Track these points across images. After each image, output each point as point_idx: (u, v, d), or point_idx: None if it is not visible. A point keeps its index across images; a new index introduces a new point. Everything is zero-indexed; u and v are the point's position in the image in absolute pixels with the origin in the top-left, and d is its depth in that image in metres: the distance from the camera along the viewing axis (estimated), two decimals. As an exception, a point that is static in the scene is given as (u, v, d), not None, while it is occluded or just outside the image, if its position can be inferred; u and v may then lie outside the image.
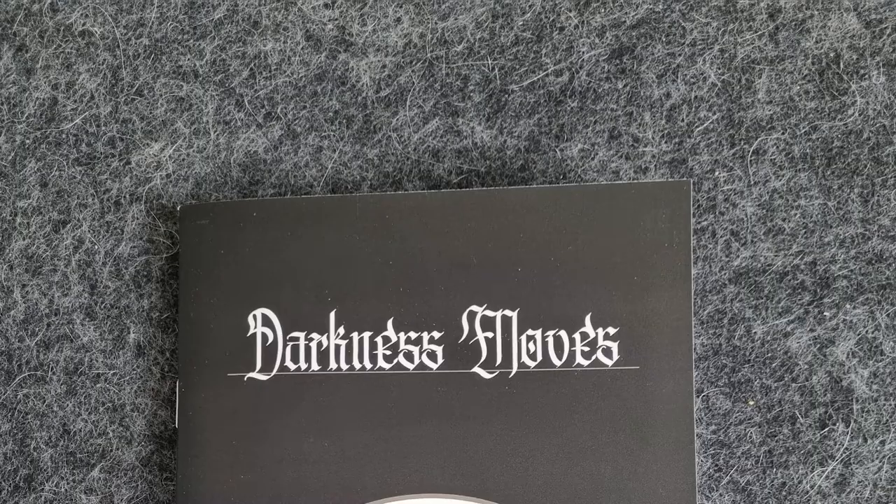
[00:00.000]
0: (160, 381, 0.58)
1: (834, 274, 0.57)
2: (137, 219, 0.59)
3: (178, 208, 0.58)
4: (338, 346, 0.57)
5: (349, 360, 0.57)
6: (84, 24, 0.60)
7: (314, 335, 0.57)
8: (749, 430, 0.57)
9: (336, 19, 0.59)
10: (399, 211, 0.58)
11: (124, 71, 0.60)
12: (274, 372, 0.57)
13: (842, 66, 0.58)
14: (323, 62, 0.59)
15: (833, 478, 0.56)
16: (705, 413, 0.57)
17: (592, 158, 0.59)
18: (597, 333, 0.57)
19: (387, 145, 0.60)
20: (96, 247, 0.59)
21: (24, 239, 0.59)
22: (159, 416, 0.58)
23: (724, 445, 0.57)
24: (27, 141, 0.60)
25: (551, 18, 0.59)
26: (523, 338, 0.57)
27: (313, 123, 0.59)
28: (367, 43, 0.59)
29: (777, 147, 0.58)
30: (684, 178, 0.58)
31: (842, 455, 0.56)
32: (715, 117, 0.58)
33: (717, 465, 0.57)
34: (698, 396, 0.57)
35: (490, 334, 0.57)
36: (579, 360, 0.56)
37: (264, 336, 0.57)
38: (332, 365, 0.57)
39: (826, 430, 0.57)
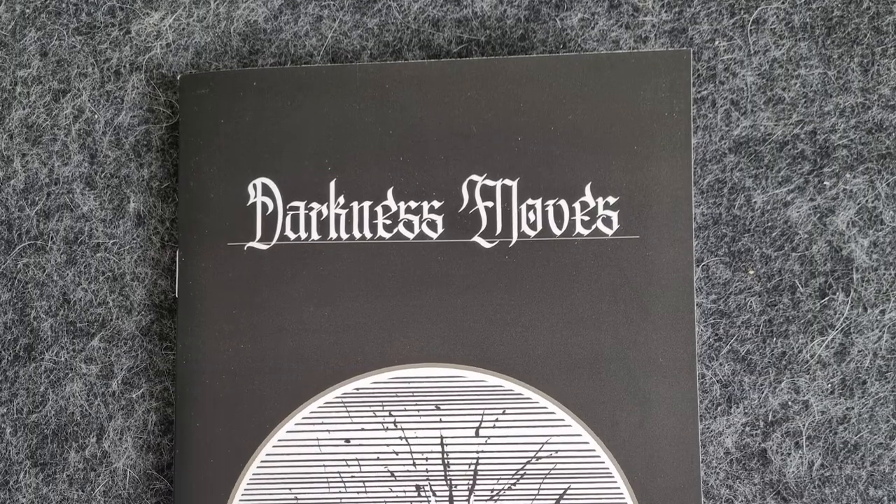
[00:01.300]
0: (160, 250, 0.58)
1: (834, 143, 0.57)
2: (137, 88, 0.59)
3: (178, 78, 0.58)
4: (338, 216, 0.57)
5: (349, 229, 0.57)
6: None
7: (314, 204, 0.57)
8: (749, 300, 0.57)
9: None
10: (399, 80, 0.57)
11: (118, -62, 0.59)
12: (274, 241, 0.57)
13: (848, -69, 0.57)
14: (320, -71, 0.58)
15: (833, 347, 0.56)
16: (705, 282, 0.57)
17: (592, 28, 0.58)
18: (597, 203, 0.56)
19: (387, 14, 0.59)
20: (96, 116, 0.58)
21: (23, 108, 0.58)
22: (159, 285, 0.58)
23: (723, 315, 0.57)
24: (27, 10, 0.59)
25: None
26: (523, 207, 0.57)
27: (312, -9, 0.59)
28: None
29: (777, 16, 0.57)
30: (684, 48, 0.58)
31: (842, 324, 0.57)
32: (719, -16, 0.57)
33: (716, 335, 0.57)
34: (698, 266, 0.57)
35: (490, 204, 0.57)
36: (579, 229, 0.56)
37: (264, 205, 0.57)
38: (332, 234, 0.57)
39: (826, 299, 0.57)
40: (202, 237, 0.57)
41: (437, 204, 0.57)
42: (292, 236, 0.57)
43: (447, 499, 0.55)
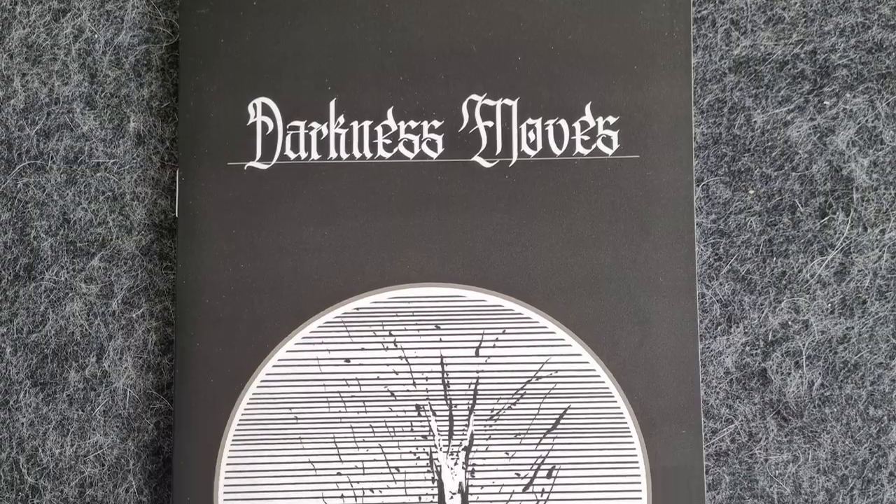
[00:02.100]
0: (160, 170, 0.58)
1: (834, 63, 0.57)
2: (137, 7, 0.59)
3: (177, -1, 0.58)
4: (338, 135, 0.57)
5: (349, 148, 0.57)
6: None
7: (314, 124, 0.57)
8: (749, 219, 0.57)
9: None
10: None
11: None
12: (274, 161, 0.57)
13: None
14: None
15: (833, 267, 0.56)
16: (705, 202, 0.57)
17: (595, -49, 0.58)
18: (597, 122, 0.56)
19: (386, -61, 0.59)
20: (96, 36, 0.58)
21: (23, 28, 0.58)
22: (159, 205, 0.58)
23: (724, 234, 0.57)
24: (22, -65, 0.59)
25: None
26: (523, 127, 0.57)
27: (311, -86, 0.58)
28: None
29: (778, -64, 0.57)
30: (687, -33, 0.58)
31: (842, 244, 0.57)
32: None
33: (717, 254, 0.57)
34: (698, 185, 0.57)
35: (490, 123, 0.57)
36: (579, 149, 0.56)
37: (264, 125, 0.57)
38: (332, 154, 0.57)
39: (826, 218, 0.57)
40: (202, 157, 0.57)
41: (437, 123, 0.57)
42: (292, 156, 0.57)
43: (447, 418, 0.55)
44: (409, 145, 0.57)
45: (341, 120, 0.57)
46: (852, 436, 0.56)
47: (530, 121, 0.56)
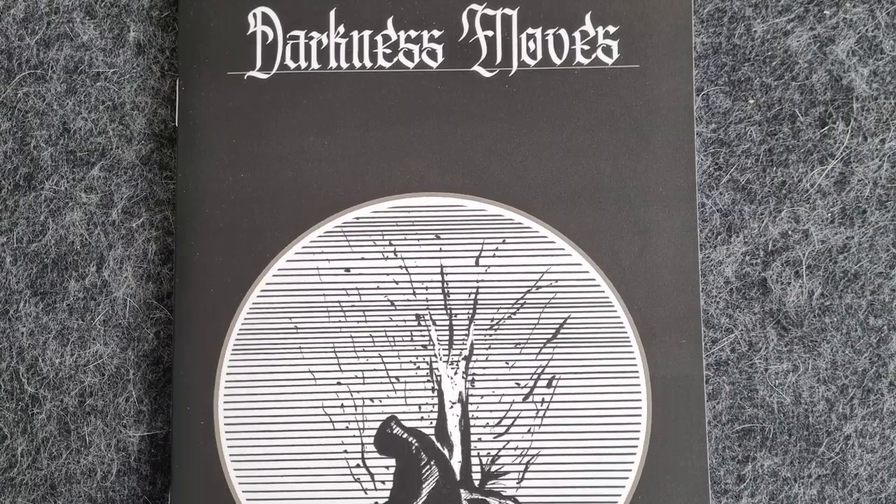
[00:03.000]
0: (160, 79, 0.58)
1: (834, -29, 0.57)
2: (134, -83, 0.59)
3: (175, -89, 0.58)
4: (338, 45, 0.57)
5: (349, 58, 0.57)
6: None
7: (314, 33, 0.57)
8: (749, 129, 0.57)
9: None
10: None
11: None
12: (274, 70, 0.57)
13: None
14: None
15: (833, 176, 0.56)
16: (705, 112, 0.57)
17: None
18: (597, 32, 0.56)
19: None
20: (93, -55, 0.59)
21: (20, -62, 0.59)
22: (159, 114, 0.58)
23: (724, 144, 0.57)
24: None
25: None
26: (523, 36, 0.57)
27: None
28: None
29: None
30: None
31: (842, 153, 0.57)
32: None
33: (717, 164, 0.57)
34: (698, 95, 0.57)
35: (490, 33, 0.57)
36: (579, 58, 0.56)
37: (264, 34, 0.57)
38: (332, 63, 0.57)
39: (826, 128, 0.57)
40: (202, 66, 0.57)
41: (437, 33, 0.57)
42: (292, 65, 0.57)
43: (447, 328, 0.55)
44: (409, 55, 0.57)
45: (341, 29, 0.57)
46: (852, 345, 0.56)
47: (530, 30, 0.56)
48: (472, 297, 0.55)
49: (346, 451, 0.54)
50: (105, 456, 0.56)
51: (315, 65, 0.57)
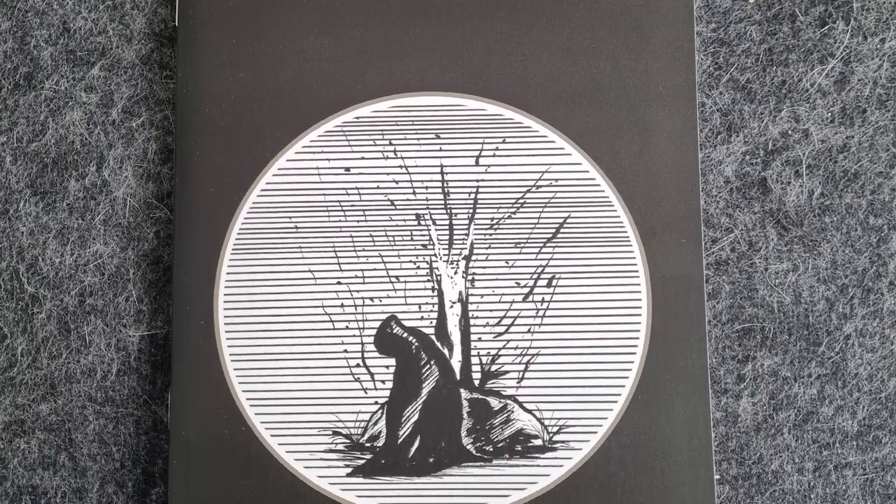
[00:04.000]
0: (159, -22, 0.58)
1: None
2: None
3: None
4: (337, -57, 0.57)
5: (349, -44, 0.57)
6: None
7: (313, -68, 0.57)
8: (749, 28, 0.57)
9: None
10: None
11: None
12: (273, -31, 0.57)
13: None
14: None
15: (833, 76, 0.56)
16: (705, 11, 0.57)
17: None
18: (598, -70, 0.56)
19: None
20: None
21: None
22: (159, 13, 0.58)
23: (724, 43, 0.57)
24: None
25: None
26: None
27: None
28: None
29: None
30: None
31: (842, 53, 0.57)
32: None
33: (717, 63, 0.57)
34: (699, -7, 0.57)
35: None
36: (580, -43, 0.56)
37: (263, -67, 0.57)
38: (332, -38, 0.57)
39: (826, 27, 0.57)
40: (201, -35, 0.57)
41: (436, -69, 0.57)
42: (292, -36, 0.57)
43: (447, 227, 0.55)
44: (409, -45, 0.57)
45: (341, -72, 0.57)
46: (852, 245, 0.56)
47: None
48: (472, 196, 0.55)
49: (346, 351, 0.54)
50: (105, 355, 0.56)
51: (315, -37, 0.56)
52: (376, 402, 0.54)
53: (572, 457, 0.53)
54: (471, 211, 0.55)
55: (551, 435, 0.53)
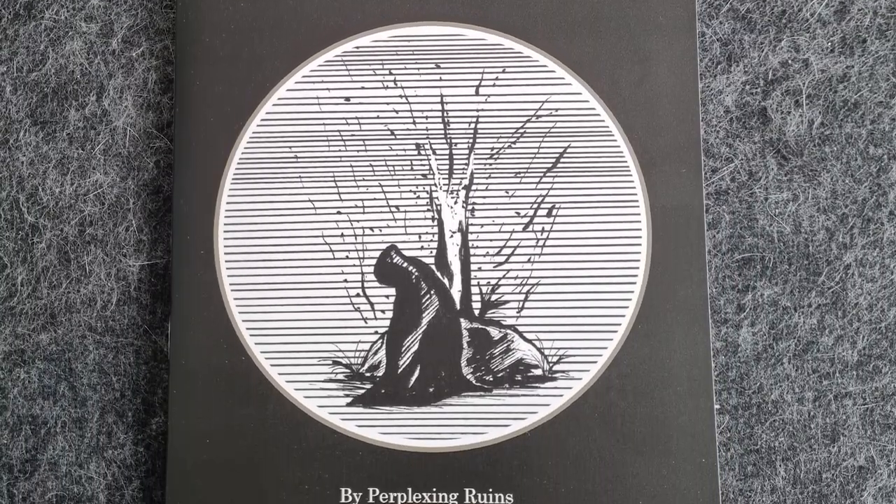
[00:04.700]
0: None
1: None
2: None
3: None
4: None
5: None
6: None
7: None
8: (749, -42, 0.57)
9: None
10: None
11: None
12: None
13: None
14: None
15: (833, 6, 0.56)
16: (706, -58, 0.57)
17: None
18: None
19: None
20: None
21: None
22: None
23: (723, -27, 0.57)
24: None
25: None
26: None
27: None
28: None
29: None
30: None
31: (841, -18, 0.57)
32: None
33: (716, -7, 0.57)
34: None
35: None
36: None
37: None
38: None
39: (826, -44, 0.57)
40: None
41: None
42: None
43: (447, 157, 0.55)
44: None
45: None
46: (852, 174, 0.56)
47: None
48: (472, 126, 0.55)
49: (346, 281, 0.54)
50: (105, 285, 0.56)
51: None
52: (376, 332, 0.54)
53: (572, 386, 0.53)
54: (471, 141, 0.55)
55: (551, 365, 0.53)
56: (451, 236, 0.54)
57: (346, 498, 0.53)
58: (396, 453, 0.53)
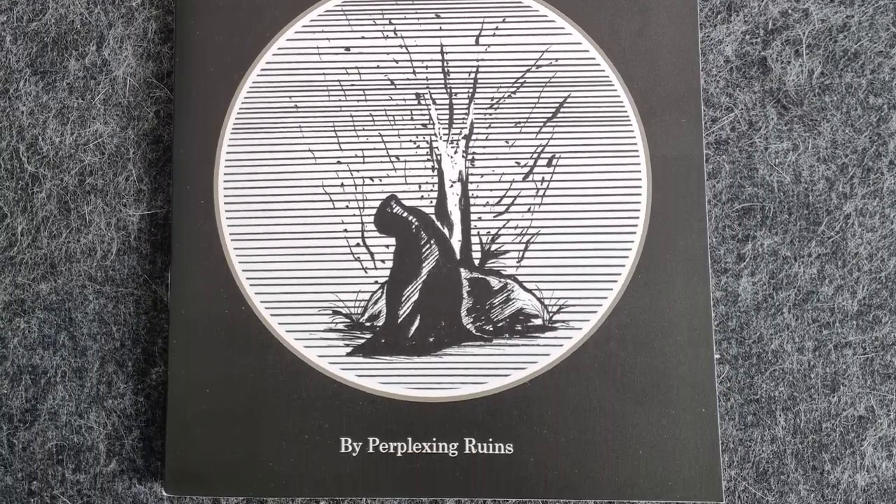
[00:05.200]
0: None
1: None
2: None
3: None
4: None
5: None
6: None
7: None
8: None
9: None
10: None
11: None
12: None
13: None
14: None
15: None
16: None
17: None
18: None
19: None
20: None
21: None
22: None
23: (723, -77, 0.57)
24: None
25: None
26: None
27: None
28: None
29: None
30: None
31: (841, -68, 0.57)
32: None
33: (716, -55, 0.57)
34: None
35: None
36: None
37: None
38: None
39: None
40: None
41: None
42: None
43: (447, 107, 0.55)
44: None
45: None
46: (852, 124, 0.56)
47: None
48: (472, 76, 0.55)
49: (345, 231, 0.54)
50: (105, 235, 0.56)
51: None
52: (376, 282, 0.54)
53: (572, 336, 0.53)
54: (471, 90, 0.55)
55: (551, 314, 0.53)
56: (451, 186, 0.54)
57: (346, 448, 0.53)
58: (396, 403, 0.53)
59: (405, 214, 0.54)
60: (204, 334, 0.53)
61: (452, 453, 0.52)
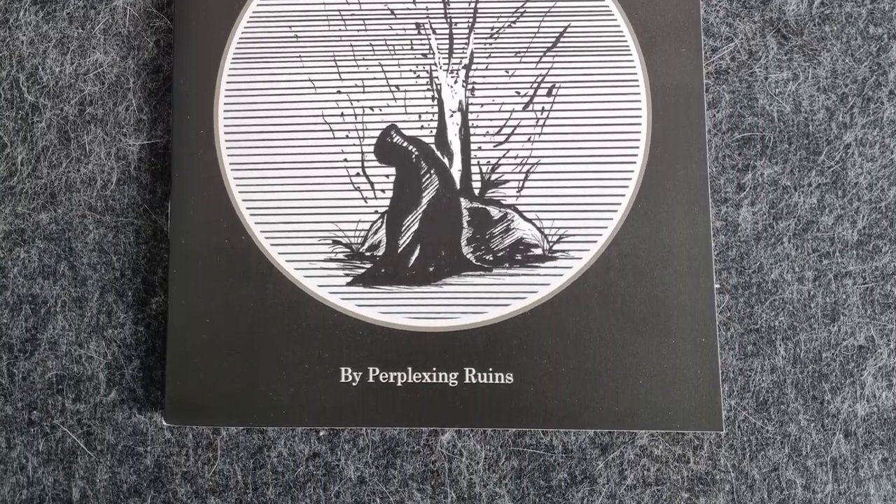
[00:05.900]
0: None
1: None
2: None
3: None
4: None
5: None
6: None
7: None
8: None
9: None
10: None
11: None
12: None
13: None
14: None
15: None
16: None
17: None
18: None
19: None
20: None
21: None
22: None
23: None
24: None
25: None
26: None
27: None
28: None
29: None
30: None
31: None
32: None
33: None
34: None
35: None
36: None
37: None
38: None
39: None
40: None
41: None
42: None
43: (447, 36, 0.55)
44: None
45: None
46: (852, 54, 0.55)
47: None
48: (472, 5, 0.55)
49: (345, 160, 0.54)
50: (105, 164, 0.56)
51: None
52: (376, 212, 0.54)
53: (572, 266, 0.53)
54: (471, 20, 0.55)
55: (551, 244, 0.53)
56: (451, 116, 0.54)
57: (346, 377, 0.52)
58: (396, 332, 0.53)
59: (405, 144, 0.54)
60: (204, 264, 0.53)
61: (452, 383, 0.52)
